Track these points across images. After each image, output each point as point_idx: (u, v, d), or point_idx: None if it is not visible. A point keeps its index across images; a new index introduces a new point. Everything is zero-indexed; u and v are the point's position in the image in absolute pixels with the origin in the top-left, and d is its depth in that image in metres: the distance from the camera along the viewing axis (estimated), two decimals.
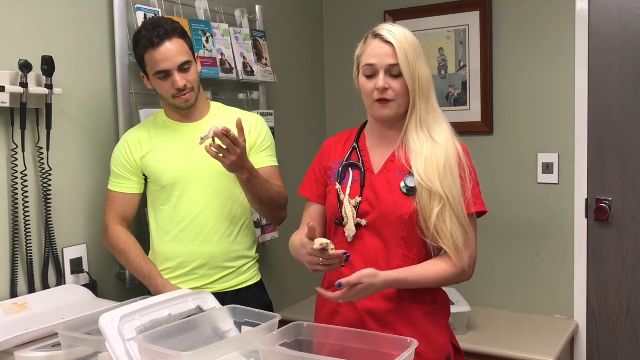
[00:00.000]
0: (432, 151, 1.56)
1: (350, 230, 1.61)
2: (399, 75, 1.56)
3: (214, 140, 1.70)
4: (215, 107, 2.06)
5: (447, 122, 1.63)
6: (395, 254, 1.59)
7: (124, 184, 1.97)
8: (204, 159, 1.89)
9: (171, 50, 1.84)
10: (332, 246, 1.43)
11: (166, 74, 1.86)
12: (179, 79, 1.85)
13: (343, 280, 1.45)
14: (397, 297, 1.59)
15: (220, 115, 2.02)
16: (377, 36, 1.58)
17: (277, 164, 2.05)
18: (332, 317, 1.66)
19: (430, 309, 1.62)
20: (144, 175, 1.99)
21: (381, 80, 1.56)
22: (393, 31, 1.57)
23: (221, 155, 1.71)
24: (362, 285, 1.46)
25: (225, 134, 1.66)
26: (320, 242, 1.43)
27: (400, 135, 1.63)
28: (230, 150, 1.70)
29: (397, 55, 1.54)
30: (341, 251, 1.47)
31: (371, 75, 1.58)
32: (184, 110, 1.95)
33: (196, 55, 1.97)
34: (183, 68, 1.86)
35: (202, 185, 1.93)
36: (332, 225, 1.67)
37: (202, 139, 1.68)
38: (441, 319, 1.65)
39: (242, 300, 1.80)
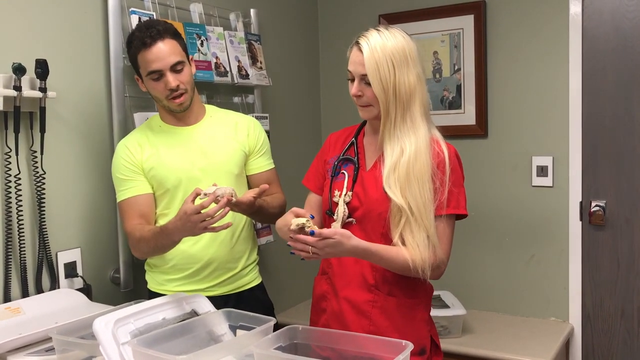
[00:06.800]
0: (397, 160, 1.59)
1: (335, 229, 1.65)
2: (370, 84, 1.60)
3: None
4: (211, 109, 2.06)
5: (426, 130, 1.62)
6: None
7: (133, 187, 1.90)
8: (205, 160, 1.90)
9: (163, 51, 1.82)
10: (309, 224, 1.47)
11: (159, 74, 1.84)
12: (172, 79, 1.84)
13: (316, 230, 1.47)
14: (374, 289, 1.66)
15: (217, 118, 2.02)
16: (356, 44, 1.61)
17: (274, 166, 2.09)
18: (319, 302, 1.76)
19: (406, 302, 1.66)
20: None
21: (354, 87, 1.62)
22: (370, 39, 1.58)
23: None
24: (332, 241, 1.48)
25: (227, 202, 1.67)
26: (296, 222, 1.47)
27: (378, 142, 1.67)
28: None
29: (365, 66, 1.57)
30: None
31: (352, 80, 1.64)
32: (180, 114, 1.94)
33: (190, 57, 1.96)
34: (176, 69, 1.85)
35: (204, 187, 1.92)
36: (325, 215, 1.75)
37: (205, 194, 1.67)
38: (419, 312, 1.69)
39: (245, 303, 1.80)
